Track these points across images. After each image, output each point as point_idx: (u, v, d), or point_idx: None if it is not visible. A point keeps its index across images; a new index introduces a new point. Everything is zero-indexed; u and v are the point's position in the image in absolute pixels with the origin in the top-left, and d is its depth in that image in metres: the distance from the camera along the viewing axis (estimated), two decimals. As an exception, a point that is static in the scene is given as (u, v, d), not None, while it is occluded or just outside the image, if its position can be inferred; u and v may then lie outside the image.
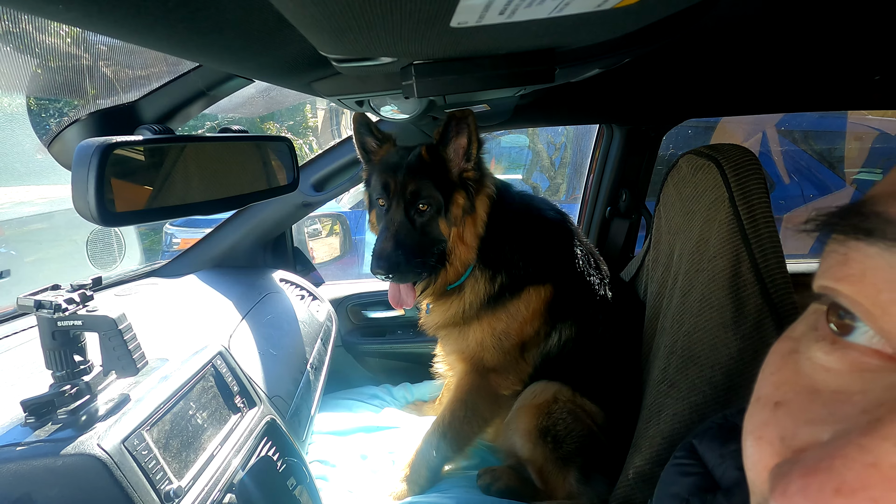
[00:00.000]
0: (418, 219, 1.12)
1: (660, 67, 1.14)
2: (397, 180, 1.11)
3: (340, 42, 0.44)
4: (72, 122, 0.83)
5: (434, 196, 1.11)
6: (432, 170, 1.11)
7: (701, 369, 0.91)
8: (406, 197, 1.11)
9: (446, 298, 1.22)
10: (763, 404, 0.23)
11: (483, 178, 1.16)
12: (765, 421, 0.22)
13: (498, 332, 1.18)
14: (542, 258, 1.19)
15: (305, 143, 6.50)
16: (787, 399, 0.22)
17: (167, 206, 0.70)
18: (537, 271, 1.18)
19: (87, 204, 0.55)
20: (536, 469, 1.15)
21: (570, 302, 1.19)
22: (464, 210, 1.13)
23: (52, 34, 0.74)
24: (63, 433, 0.62)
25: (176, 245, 3.65)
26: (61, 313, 0.62)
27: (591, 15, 0.40)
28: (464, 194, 1.13)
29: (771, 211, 0.87)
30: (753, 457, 0.22)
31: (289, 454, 0.94)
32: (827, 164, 3.90)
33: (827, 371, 0.21)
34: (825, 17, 0.79)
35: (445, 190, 1.11)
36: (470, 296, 1.19)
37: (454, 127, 1.07)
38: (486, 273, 1.18)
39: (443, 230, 1.13)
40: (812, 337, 0.22)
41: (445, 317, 1.22)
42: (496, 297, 1.17)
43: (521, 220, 1.21)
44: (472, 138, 1.09)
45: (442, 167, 1.12)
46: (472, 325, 1.19)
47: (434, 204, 1.11)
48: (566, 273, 1.20)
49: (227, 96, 0.97)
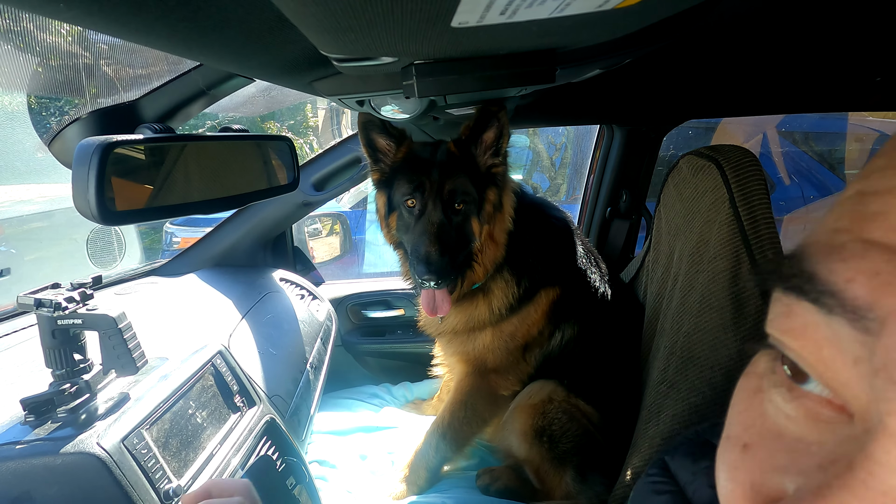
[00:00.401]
0: (455, 218, 1.08)
1: (660, 68, 1.14)
2: (432, 179, 1.06)
3: (341, 41, 0.44)
4: (72, 121, 0.83)
5: (471, 193, 1.07)
6: (465, 166, 1.08)
7: (700, 370, 0.91)
8: (444, 196, 1.06)
9: (466, 303, 1.18)
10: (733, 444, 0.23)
11: (507, 172, 1.14)
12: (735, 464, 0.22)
13: (506, 334, 1.17)
14: (553, 260, 1.19)
15: (306, 142, 6.50)
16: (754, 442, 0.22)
17: (167, 205, 0.70)
18: (549, 273, 1.18)
19: (88, 202, 0.55)
20: (533, 469, 1.15)
21: (574, 303, 1.19)
22: (494, 206, 1.10)
23: (53, 33, 0.74)
24: (62, 432, 0.62)
25: (176, 244, 3.65)
26: (61, 312, 0.62)
27: (592, 15, 0.40)
28: (495, 190, 1.10)
29: (771, 212, 0.87)
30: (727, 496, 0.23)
31: (288, 453, 0.94)
32: (827, 165, 3.90)
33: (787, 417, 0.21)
34: (826, 18, 0.79)
35: (479, 186, 1.08)
36: (499, 300, 1.15)
37: (485, 120, 1.04)
38: (514, 276, 1.16)
39: (475, 229, 1.10)
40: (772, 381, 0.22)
41: (467, 321, 1.18)
42: (520, 300, 1.15)
43: (535, 220, 1.20)
44: (503, 132, 1.05)
45: (471, 162, 1.09)
46: (487, 329, 1.17)
47: (470, 201, 1.08)
48: (572, 274, 1.20)
49: (227, 95, 0.97)
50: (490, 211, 1.10)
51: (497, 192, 1.10)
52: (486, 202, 1.09)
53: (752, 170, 0.89)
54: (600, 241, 1.81)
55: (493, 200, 1.10)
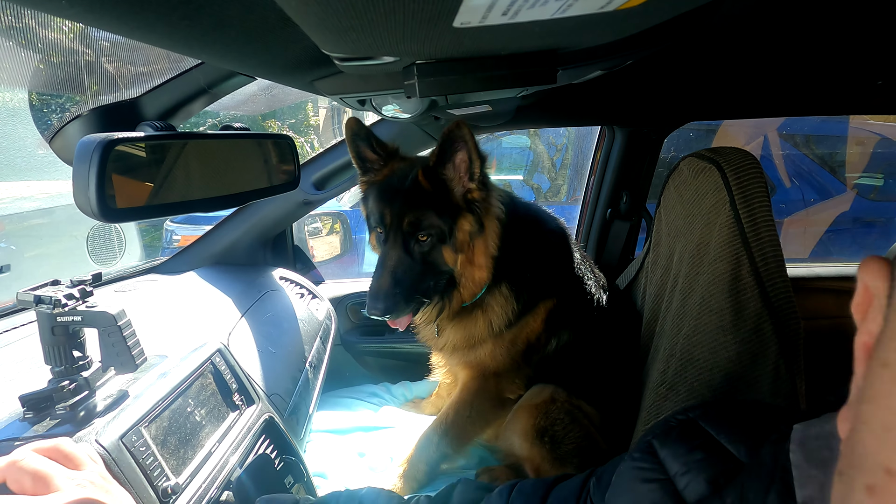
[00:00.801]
0: (418, 249, 1.04)
1: (662, 70, 1.14)
2: (393, 211, 1.02)
3: (343, 41, 0.44)
4: (73, 118, 0.83)
5: (435, 225, 1.02)
6: (432, 195, 1.02)
7: (700, 372, 0.91)
8: (403, 229, 1.02)
9: (464, 318, 1.17)
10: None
11: (489, 196, 1.08)
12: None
13: (507, 342, 1.17)
14: (551, 272, 1.18)
15: (307, 141, 6.50)
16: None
17: (168, 203, 0.70)
18: (548, 285, 1.17)
19: (88, 199, 0.55)
20: (534, 468, 1.15)
21: (570, 310, 1.20)
22: (471, 234, 1.05)
23: (54, 30, 0.74)
24: (61, 429, 0.62)
25: (176, 242, 3.65)
26: (61, 309, 0.62)
27: (595, 17, 0.40)
28: (470, 218, 1.04)
29: (772, 214, 0.87)
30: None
31: (287, 452, 0.94)
32: (828, 168, 3.90)
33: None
34: (828, 21, 0.79)
35: (449, 215, 1.03)
36: (497, 315, 1.14)
37: (450, 143, 0.98)
38: (513, 291, 1.14)
39: (448, 259, 1.05)
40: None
41: (467, 337, 1.17)
42: (519, 314, 1.15)
43: (531, 235, 1.18)
44: (472, 155, 0.99)
45: (442, 190, 1.03)
46: (487, 342, 1.17)
47: (435, 233, 1.03)
48: (569, 283, 1.20)
49: (228, 94, 0.97)
50: (464, 239, 1.05)
51: (474, 218, 1.05)
52: (458, 231, 1.04)
53: (753, 172, 0.89)
54: (600, 243, 1.81)
55: (467, 229, 1.04)
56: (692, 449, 0.44)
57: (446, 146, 0.99)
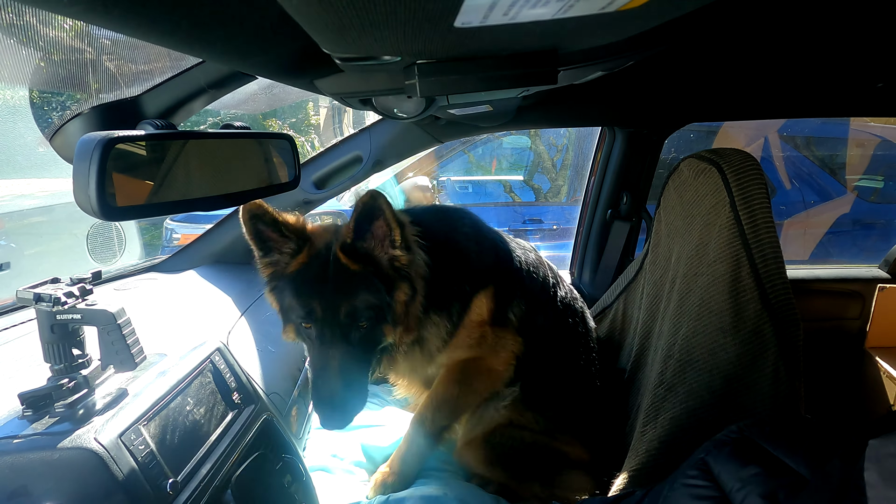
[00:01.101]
0: (356, 335, 0.94)
1: (662, 71, 1.14)
2: (324, 303, 0.92)
3: (343, 40, 0.44)
4: (74, 116, 0.83)
5: (374, 306, 0.94)
6: (361, 274, 0.93)
7: (699, 374, 0.91)
8: (341, 321, 0.92)
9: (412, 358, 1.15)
10: None
11: (415, 256, 1.00)
12: None
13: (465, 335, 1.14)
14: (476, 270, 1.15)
15: (307, 140, 6.50)
16: None
17: (168, 202, 0.70)
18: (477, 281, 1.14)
19: (88, 197, 0.55)
20: (503, 484, 1.18)
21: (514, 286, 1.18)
22: (406, 303, 0.98)
23: (55, 27, 0.74)
24: (60, 426, 0.62)
25: (176, 240, 3.65)
26: (60, 307, 0.62)
27: (596, 17, 0.40)
28: (404, 287, 0.97)
29: (772, 216, 0.87)
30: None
31: (285, 451, 0.94)
32: (828, 170, 3.90)
33: None
34: (829, 24, 0.79)
35: (385, 290, 0.95)
36: (434, 344, 1.12)
37: (366, 216, 0.92)
38: (442, 313, 1.10)
39: (387, 335, 0.98)
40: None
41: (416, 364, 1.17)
42: (457, 324, 1.12)
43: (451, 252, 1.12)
44: (391, 223, 0.92)
45: (370, 264, 0.95)
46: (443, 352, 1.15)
47: (375, 315, 0.95)
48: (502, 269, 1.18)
49: (229, 92, 0.97)
50: (402, 311, 0.98)
51: (408, 284, 0.98)
52: (395, 303, 0.97)
53: (754, 174, 0.89)
54: (600, 243, 1.82)
55: (403, 299, 0.98)
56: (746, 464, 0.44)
57: (362, 219, 0.93)
